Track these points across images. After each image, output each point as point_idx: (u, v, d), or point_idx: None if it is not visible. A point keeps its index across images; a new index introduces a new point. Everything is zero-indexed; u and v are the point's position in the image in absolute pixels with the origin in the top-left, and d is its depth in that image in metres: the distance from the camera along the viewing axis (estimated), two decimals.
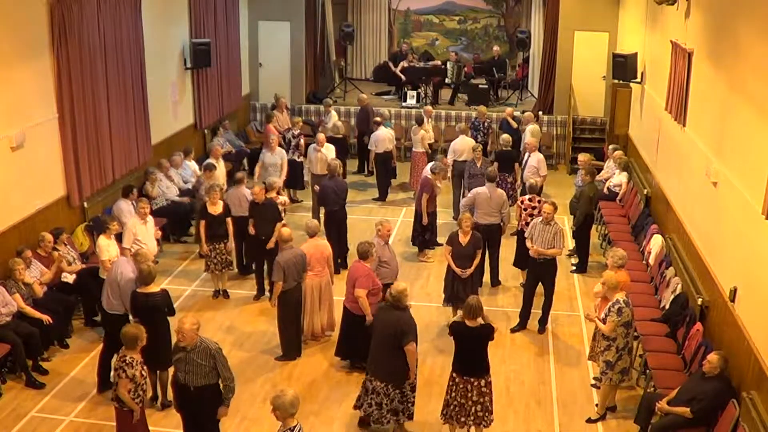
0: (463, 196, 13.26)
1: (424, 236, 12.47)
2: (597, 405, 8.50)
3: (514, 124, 15.67)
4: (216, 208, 10.76)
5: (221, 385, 7.05)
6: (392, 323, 7.49)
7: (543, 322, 10.23)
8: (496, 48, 20.25)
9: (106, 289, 8.55)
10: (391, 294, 7.61)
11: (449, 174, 13.74)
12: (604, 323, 8.04)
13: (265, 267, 10.94)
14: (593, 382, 8.97)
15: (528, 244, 10.03)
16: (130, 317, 8.33)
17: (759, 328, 7.23)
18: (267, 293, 10.94)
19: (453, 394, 7.57)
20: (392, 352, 7.49)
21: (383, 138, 15.02)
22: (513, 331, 10.15)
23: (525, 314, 10.24)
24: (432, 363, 9.31)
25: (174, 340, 7.17)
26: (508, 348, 9.70)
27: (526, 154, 13.46)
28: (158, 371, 8.25)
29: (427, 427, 8.11)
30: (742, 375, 7.48)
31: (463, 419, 7.55)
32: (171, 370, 7.45)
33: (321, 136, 13.79)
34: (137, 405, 6.97)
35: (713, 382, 7.32)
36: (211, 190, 10.86)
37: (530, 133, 14.84)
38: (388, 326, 7.52)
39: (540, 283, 10.08)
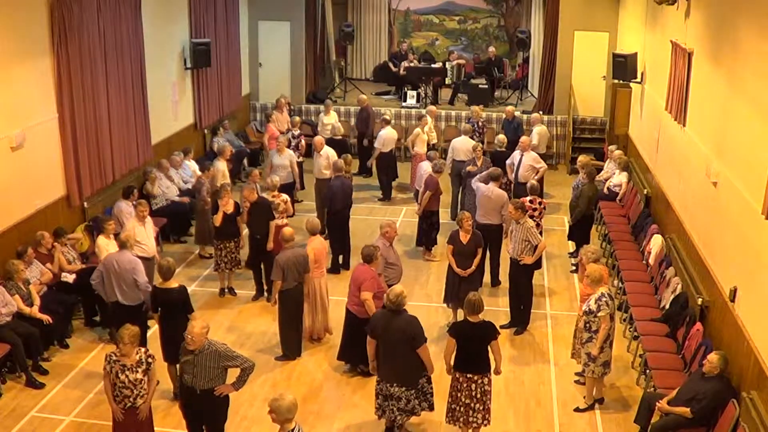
0: (461, 195, 13.26)
1: (429, 236, 12.48)
2: (584, 397, 8.54)
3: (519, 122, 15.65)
4: (228, 207, 10.78)
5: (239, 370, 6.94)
6: (401, 328, 7.40)
7: (521, 323, 10.17)
8: (491, 49, 20.12)
9: (115, 284, 8.60)
10: (389, 298, 7.49)
11: (448, 172, 13.72)
12: (590, 314, 8.05)
13: (262, 266, 10.92)
14: (576, 378, 8.93)
15: (507, 246, 10.15)
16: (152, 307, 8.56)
17: (759, 328, 7.23)
18: (266, 293, 10.96)
19: (457, 395, 7.53)
20: (405, 356, 7.43)
21: (390, 137, 15.03)
22: (503, 327, 9.98)
23: (511, 311, 10.26)
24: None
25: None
26: (507, 348, 9.68)
27: (517, 153, 13.34)
28: (177, 365, 8.19)
29: (426, 427, 8.11)
30: (742, 375, 7.48)
31: (471, 419, 7.52)
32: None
33: (318, 139, 13.59)
34: (114, 404, 6.88)
35: (713, 382, 7.31)
36: (223, 190, 10.89)
37: (537, 134, 14.77)
38: (397, 332, 7.41)
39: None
